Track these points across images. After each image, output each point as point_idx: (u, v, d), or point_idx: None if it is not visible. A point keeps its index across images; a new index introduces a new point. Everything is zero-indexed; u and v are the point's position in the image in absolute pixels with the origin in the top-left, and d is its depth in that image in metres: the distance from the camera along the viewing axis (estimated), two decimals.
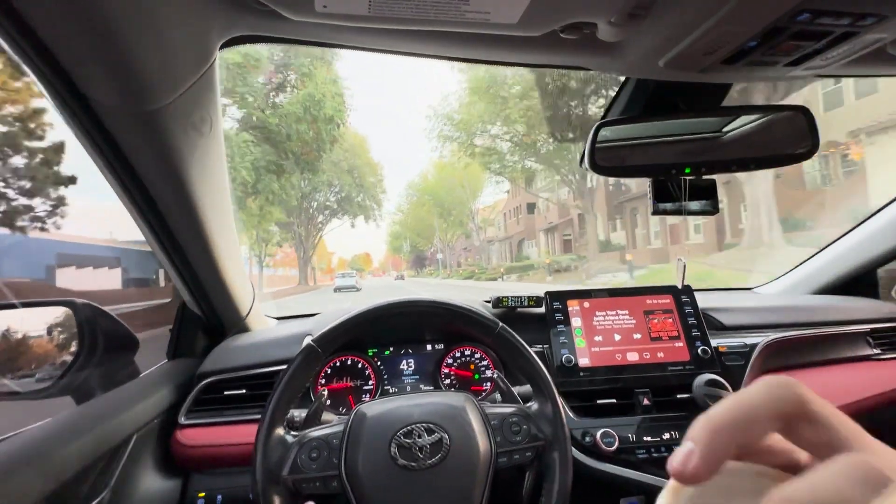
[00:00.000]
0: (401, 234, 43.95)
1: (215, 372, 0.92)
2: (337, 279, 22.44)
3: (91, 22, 0.46)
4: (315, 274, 34.19)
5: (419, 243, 41.13)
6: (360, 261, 73.08)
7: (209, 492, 0.85)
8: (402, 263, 61.60)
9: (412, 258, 46.91)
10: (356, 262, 70.91)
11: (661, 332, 0.96)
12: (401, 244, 45.29)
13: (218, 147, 0.73)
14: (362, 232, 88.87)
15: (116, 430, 0.72)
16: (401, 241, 44.82)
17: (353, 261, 71.82)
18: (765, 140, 0.73)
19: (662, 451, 0.84)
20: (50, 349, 0.81)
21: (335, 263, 60.17)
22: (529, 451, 0.67)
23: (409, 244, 43.07)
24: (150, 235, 0.78)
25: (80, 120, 0.57)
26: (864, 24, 0.48)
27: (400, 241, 45.04)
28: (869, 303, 1.17)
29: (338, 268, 55.99)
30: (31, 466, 0.57)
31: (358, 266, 65.90)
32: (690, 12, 0.49)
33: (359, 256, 74.29)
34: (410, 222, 39.30)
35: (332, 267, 54.34)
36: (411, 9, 0.47)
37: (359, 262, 70.99)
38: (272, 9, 0.48)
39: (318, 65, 14.25)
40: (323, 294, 18.69)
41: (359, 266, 66.48)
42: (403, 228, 41.90)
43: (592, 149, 0.72)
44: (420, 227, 38.03)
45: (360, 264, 70.09)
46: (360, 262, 72.52)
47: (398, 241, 45.82)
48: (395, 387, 1.00)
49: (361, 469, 0.62)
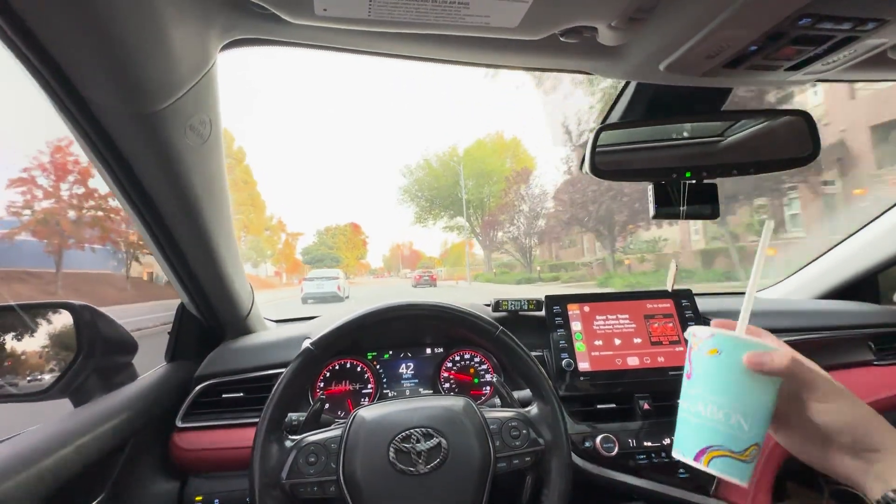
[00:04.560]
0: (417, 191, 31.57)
1: (213, 375, 0.92)
2: (306, 285, 14.41)
3: (90, 24, 0.46)
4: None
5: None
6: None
7: (207, 495, 0.84)
8: (416, 258, 49.07)
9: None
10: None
11: (662, 336, 0.96)
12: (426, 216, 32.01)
13: (217, 150, 0.73)
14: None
15: (114, 432, 0.72)
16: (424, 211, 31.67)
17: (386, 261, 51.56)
18: (766, 144, 0.73)
19: (663, 457, 0.84)
20: (48, 351, 0.80)
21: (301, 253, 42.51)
22: (529, 455, 0.66)
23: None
24: (148, 237, 0.77)
25: (80, 122, 0.57)
26: (865, 29, 0.48)
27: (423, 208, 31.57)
28: (870, 308, 1.16)
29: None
30: (29, 469, 0.56)
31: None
32: (691, 16, 0.48)
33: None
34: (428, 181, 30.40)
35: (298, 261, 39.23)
36: (411, 12, 0.47)
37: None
38: (272, 12, 0.48)
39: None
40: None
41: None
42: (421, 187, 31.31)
43: (593, 153, 0.72)
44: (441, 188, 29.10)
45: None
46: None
47: (423, 206, 31.77)
48: (394, 391, 0.99)
49: (359, 474, 0.61)
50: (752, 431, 0.39)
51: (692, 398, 0.42)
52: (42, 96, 0.53)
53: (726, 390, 0.40)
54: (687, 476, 0.83)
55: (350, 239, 48.17)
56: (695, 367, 0.43)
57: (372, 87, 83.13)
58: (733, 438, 0.39)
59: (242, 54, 0.68)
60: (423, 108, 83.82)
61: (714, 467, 0.39)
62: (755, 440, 0.39)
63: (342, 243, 46.56)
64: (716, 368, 0.41)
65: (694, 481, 0.82)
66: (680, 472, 0.83)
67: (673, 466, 0.83)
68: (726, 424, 0.39)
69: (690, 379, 0.43)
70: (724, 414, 0.39)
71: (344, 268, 34.18)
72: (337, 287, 13.74)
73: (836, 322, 1.08)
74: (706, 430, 0.40)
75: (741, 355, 0.39)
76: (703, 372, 0.42)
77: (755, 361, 0.39)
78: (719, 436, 0.40)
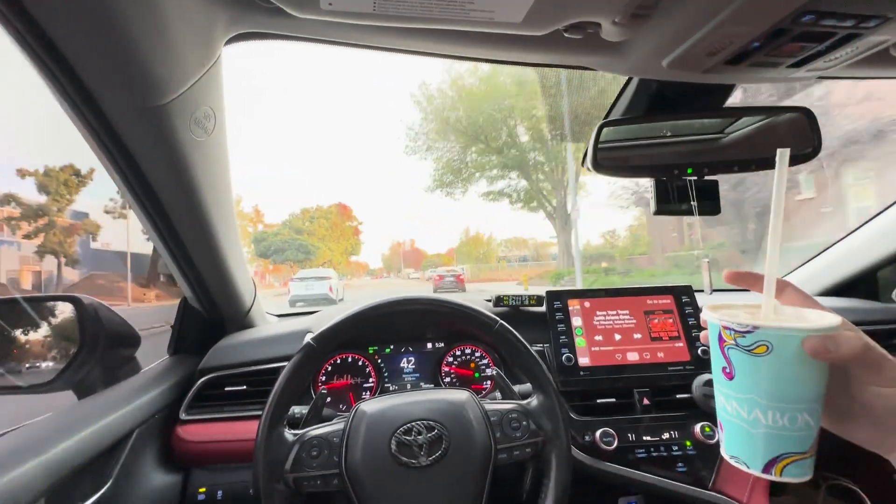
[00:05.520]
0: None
1: (216, 368, 0.92)
2: (293, 286, 12.55)
3: (97, 18, 0.46)
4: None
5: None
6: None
7: (210, 487, 0.85)
8: (418, 256, 39.81)
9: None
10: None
11: (662, 332, 0.96)
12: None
13: (222, 143, 0.73)
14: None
15: (118, 425, 0.73)
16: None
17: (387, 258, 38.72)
18: (767, 141, 0.73)
19: (661, 451, 0.85)
20: (52, 344, 0.81)
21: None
22: (529, 447, 0.67)
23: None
24: (152, 231, 0.78)
25: (85, 115, 0.57)
26: (867, 26, 0.48)
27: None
28: (869, 305, 1.17)
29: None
30: (34, 460, 0.57)
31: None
32: (694, 13, 0.49)
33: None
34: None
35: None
36: (416, 7, 0.47)
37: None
38: (277, 6, 0.49)
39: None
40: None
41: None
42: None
43: (595, 149, 0.72)
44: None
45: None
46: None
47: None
48: (395, 385, 1.00)
49: (362, 467, 0.62)
50: (816, 425, 0.35)
51: (747, 404, 0.36)
52: (48, 90, 0.54)
53: (789, 392, 0.34)
54: (686, 470, 0.84)
55: (335, 224, 33.42)
56: (737, 368, 0.36)
57: (370, 81, 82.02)
58: (800, 440, 0.35)
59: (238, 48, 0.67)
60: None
61: (788, 475, 0.35)
62: (817, 430, 0.35)
63: (323, 230, 32.40)
64: (771, 369, 0.34)
65: (692, 475, 0.83)
66: (678, 466, 0.84)
67: (672, 460, 0.84)
68: (793, 428, 0.34)
69: (733, 380, 0.36)
70: (790, 417, 0.34)
71: (324, 264, 27.42)
72: (329, 288, 12.07)
73: None
74: (772, 439, 0.35)
75: (796, 345, 0.33)
76: (750, 374, 0.35)
77: (820, 349, 0.33)
78: (788, 442, 0.35)
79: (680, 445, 0.85)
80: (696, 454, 0.84)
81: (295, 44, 0.65)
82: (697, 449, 0.85)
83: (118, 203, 16.35)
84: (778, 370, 0.34)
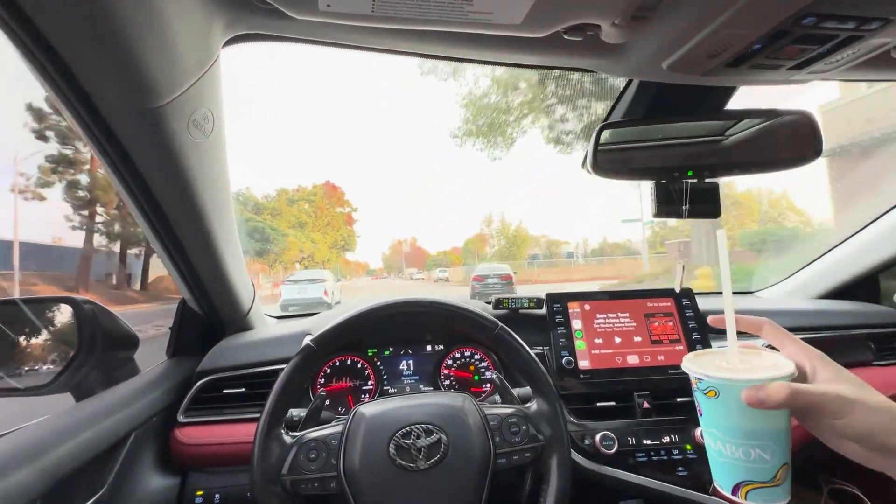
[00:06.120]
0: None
1: (214, 370, 0.92)
2: (286, 289, 11.30)
3: (94, 19, 0.46)
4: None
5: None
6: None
7: (207, 490, 0.85)
8: (421, 255, 36.95)
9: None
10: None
11: (662, 335, 0.96)
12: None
13: (220, 145, 0.73)
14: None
15: (115, 427, 0.72)
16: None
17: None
18: (768, 144, 0.73)
19: (662, 455, 0.84)
20: (50, 346, 0.81)
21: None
22: (528, 451, 0.66)
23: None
24: (150, 232, 0.78)
25: (83, 117, 0.57)
26: (868, 28, 0.48)
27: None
28: (870, 308, 1.17)
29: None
30: (30, 463, 0.57)
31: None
32: (694, 15, 0.48)
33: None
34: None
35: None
36: (414, 8, 0.47)
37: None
38: (276, 7, 0.48)
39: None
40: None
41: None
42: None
43: (595, 151, 0.72)
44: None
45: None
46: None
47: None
48: (394, 387, 1.00)
49: (360, 470, 0.62)
50: (774, 459, 0.39)
51: (711, 436, 0.42)
52: (46, 91, 0.54)
53: (736, 430, 0.39)
54: (686, 474, 0.83)
55: (321, 210, 26.88)
56: (702, 407, 0.42)
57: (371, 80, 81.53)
58: (759, 471, 0.39)
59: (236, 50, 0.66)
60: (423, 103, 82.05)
61: (752, 499, 0.39)
62: (782, 462, 0.39)
63: (303, 216, 25.75)
64: (719, 409, 0.40)
65: (693, 479, 0.83)
66: (679, 470, 0.83)
67: (672, 464, 0.84)
68: (748, 461, 0.39)
69: (702, 416, 0.43)
70: (744, 451, 0.39)
71: (303, 260, 23.25)
72: (324, 291, 11.17)
73: (836, 322, 1.08)
74: (732, 468, 0.40)
75: (738, 394, 0.38)
76: (709, 412, 0.41)
77: (754, 400, 0.37)
78: (746, 471, 0.39)
79: (680, 449, 0.85)
80: (697, 458, 0.84)
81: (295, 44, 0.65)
82: (698, 453, 0.84)
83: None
84: (726, 411, 0.40)
